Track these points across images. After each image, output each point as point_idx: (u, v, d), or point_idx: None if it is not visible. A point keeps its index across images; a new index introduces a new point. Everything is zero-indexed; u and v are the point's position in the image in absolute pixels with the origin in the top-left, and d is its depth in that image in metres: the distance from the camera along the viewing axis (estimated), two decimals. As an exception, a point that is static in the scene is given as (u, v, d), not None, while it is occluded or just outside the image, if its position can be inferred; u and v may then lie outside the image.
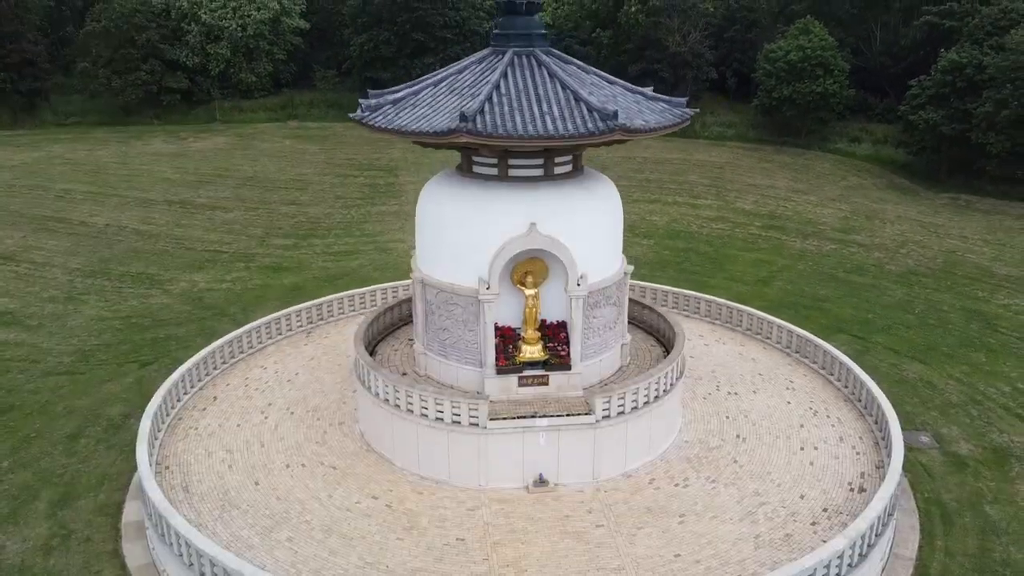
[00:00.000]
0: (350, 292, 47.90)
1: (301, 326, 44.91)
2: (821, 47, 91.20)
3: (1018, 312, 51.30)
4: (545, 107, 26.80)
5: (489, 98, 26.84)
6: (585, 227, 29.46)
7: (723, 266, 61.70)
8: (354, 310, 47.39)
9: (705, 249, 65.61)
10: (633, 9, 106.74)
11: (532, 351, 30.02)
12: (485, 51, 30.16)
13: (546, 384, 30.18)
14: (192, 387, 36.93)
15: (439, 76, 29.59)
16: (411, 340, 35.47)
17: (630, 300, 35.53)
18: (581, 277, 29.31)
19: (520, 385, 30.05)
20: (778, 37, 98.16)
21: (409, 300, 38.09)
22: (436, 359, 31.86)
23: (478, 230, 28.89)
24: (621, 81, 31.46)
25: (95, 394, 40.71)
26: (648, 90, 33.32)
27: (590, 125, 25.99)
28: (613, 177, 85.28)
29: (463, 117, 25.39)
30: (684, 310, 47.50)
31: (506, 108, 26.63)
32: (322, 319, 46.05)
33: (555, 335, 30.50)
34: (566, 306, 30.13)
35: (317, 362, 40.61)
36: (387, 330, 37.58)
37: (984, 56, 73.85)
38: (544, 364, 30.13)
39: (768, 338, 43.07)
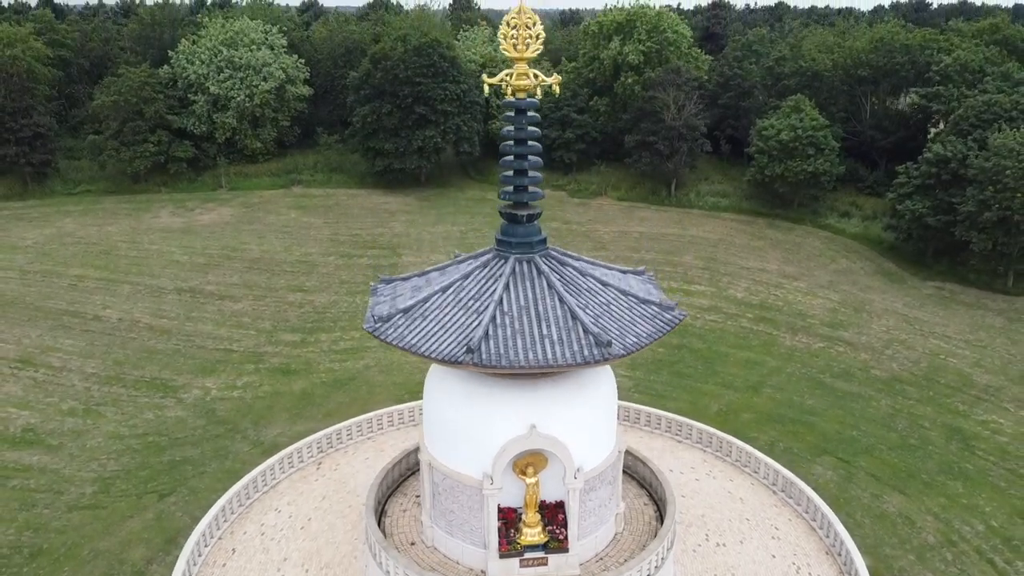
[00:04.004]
0: (357, 419, 49.93)
1: (312, 456, 47.08)
2: (812, 127, 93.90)
3: (995, 431, 53.68)
4: (544, 329, 29.17)
5: (493, 318, 29.21)
6: (584, 424, 31.73)
7: (715, 367, 64.03)
8: (362, 435, 49.57)
9: (698, 346, 67.96)
10: (629, 80, 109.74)
11: (533, 534, 32.23)
12: (489, 254, 32.47)
13: (545, 564, 32.39)
14: (212, 537, 39.09)
15: (446, 281, 31.87)
16: (418, 496, 37.71)
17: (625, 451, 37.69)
18: (578, 470, 31.60)
19: (521, 566, 32.25)
20: (770, 112, 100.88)
21: (416, 450, 40.22)
22: (443, 534, 34.10)
23: (481, 430, 31.13)
24: (616, 273, 33.91)
25: (118, 533, 42.98)
26: (642, 269, 35.89)
27: (586, 353, 28.32)
28: (611, 256, 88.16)
29: (469, 349, 27.78)
30: (676, 435, 49.65)
31: (508, 331, 29.00)
32: (331, 447, 48.19)
33: (553, 517, 32.75)
34: (564, 489, 32.36)
35: (329, 503, 42.72)
36: (396, 483, 39.78)
37: (968, 151, 76.46)
38: (544, 546, 32.34)
39: (756, 472, 45.24)
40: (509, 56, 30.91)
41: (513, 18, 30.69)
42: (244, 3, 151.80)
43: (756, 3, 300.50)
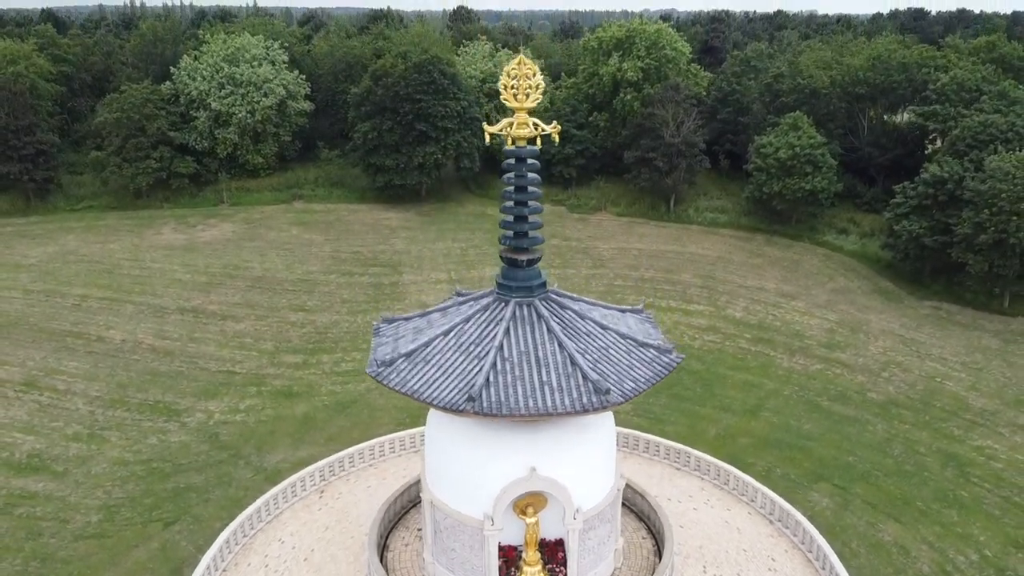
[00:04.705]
0: (359, 447, 50.47)
1: (314, 484, 47.64)
2: (810, 145, 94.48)
3: (990, 456, 54.28)
4: (544, 375, 29.79)
5: (494, 364, 29.83)
6: (583, 466, 32.34)
7: (713, 390, 64.62)
8: (364, 462, 50.11)
9: (697, 367, 68.47)
10: (628, 97, 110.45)
11: (533, 573, 32.78)
12: (490, 297, 33.06)
13: (545, 602, 32.97)
14: (216, 570, 39.62)
15: (448, 324, 32.45)
16: (420, 530, 38.28)
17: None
18: (577, 510, 32.20)
19: (522, 604, 32.82)
20: (768, 129, 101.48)
21: (417, 482, 40.79)
22: (444, 571, 34.64)
23: (481, 472, 31.73)
24: (615, 313, 34.54)
25: (124, 563, 43.58)
26: (640, 307, 36.51)
27: (585, 400, 28.94)
28: (610, 274, 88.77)
29: (470, 398, 28.41)
30: (675, 462, 50.20)
31: (508, 378, 29.61)
32: (333, 475, 48.72)
33: (553, 555, 33.33)
34: (564, 528, 32.95)
35: (332, 534, 43.23)
36: (398, 516, 40.34)
37: (965, 172, 77.12)
38: (544, 585, 32.92)
39: (752, 501, 45.80)
40: (510, 105, 31.57)
41: (513, 69, 31.35)
42: (247, 12, 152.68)
43: (755, 12, 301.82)
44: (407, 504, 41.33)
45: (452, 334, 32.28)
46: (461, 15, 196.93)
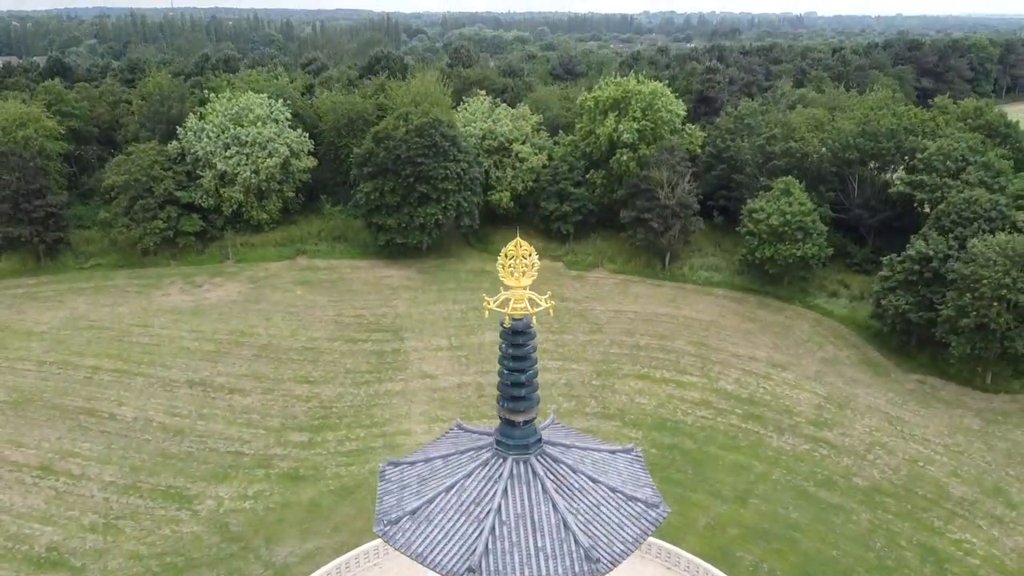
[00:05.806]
0: (364, 547, 52.99)
1: (323, 587, 50.09)
2: (801, 212, 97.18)
3: (968, 552, 56.67)
4: (539, 541, 32.29)
5: (492, 530, 32.35)
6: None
7: (705, 472, 66.98)
8: (368, 561, 52.59)
9: (689, 446, 70.93)
10: (624, 158, 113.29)
11: None
12: (488, 452, 35.63)
13: None
14: None
15: (450, 480, 34.96)
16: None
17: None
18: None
19: None
20: (760, 192, 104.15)
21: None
22: None
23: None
24: (605, 456, 37.07)
25: (141, 672, 45.85)
26: (631, 447, 39.04)
27: (576, 569, 31.48)
28: (606, 340, 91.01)
29: (470, 569, 30.91)
30: (666, 562, 52.77)
31: (506, 544, 32.12)
32: (340, 576, 51.20)
33: None
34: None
35: (339, 644, 45.71)
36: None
37: (950, 249, 79.72)
38: None
39: (739, 607, 48.35)
40: (507, 283, 34.19)
41: (511, 250, 34.02)
42: (247, 21, 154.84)
43: (752, 44, 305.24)
44: (410, 620, 43.55)
45: (453, 491, 34.80)
46: (461, 56, 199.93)
